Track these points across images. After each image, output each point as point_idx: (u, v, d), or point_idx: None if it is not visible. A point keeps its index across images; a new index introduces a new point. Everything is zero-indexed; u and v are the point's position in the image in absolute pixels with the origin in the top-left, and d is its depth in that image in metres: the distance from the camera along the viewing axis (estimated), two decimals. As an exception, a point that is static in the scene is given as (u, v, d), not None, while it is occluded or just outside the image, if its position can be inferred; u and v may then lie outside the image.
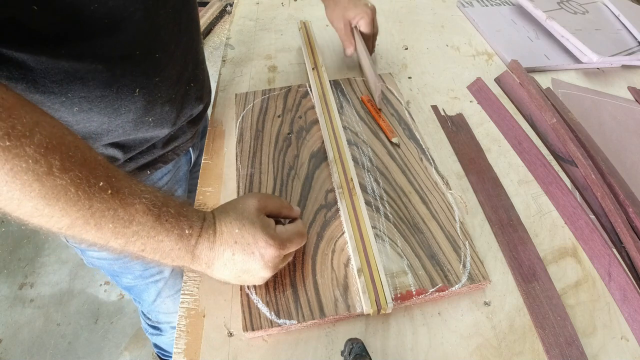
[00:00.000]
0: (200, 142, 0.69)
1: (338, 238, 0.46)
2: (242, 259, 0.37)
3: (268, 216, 0.41)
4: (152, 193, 0.34)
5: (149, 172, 0.57)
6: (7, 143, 0.26)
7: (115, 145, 0.50)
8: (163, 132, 0.53)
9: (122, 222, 0.32)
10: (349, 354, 0.35)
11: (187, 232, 0.35)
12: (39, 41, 0.36)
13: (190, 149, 0.64)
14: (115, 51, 0.42)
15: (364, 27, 0.65)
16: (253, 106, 0.64)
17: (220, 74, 0.74)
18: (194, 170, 0.71)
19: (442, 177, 0.52)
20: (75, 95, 0.42)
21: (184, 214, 0.35)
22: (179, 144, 0.58)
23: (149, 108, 0.49)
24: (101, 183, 0.31)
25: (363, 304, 0.40)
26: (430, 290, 0.41)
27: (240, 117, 0.62)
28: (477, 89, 0.68)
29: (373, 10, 0.66)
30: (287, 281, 0.43)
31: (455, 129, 0.62)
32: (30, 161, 0.27)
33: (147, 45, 0.45)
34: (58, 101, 0.42)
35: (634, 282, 0.43)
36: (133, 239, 0.33)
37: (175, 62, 0.50)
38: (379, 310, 0.40)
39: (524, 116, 0.64)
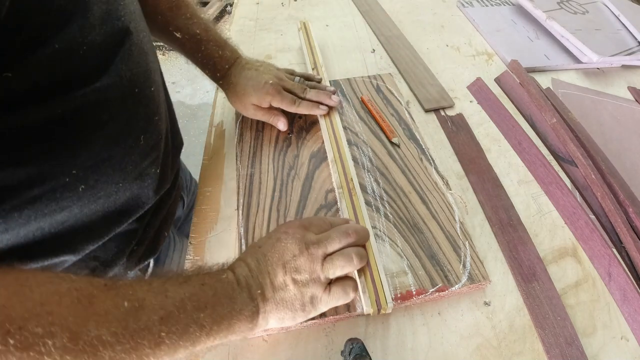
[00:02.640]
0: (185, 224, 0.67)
1: (338, 238, 0.46)
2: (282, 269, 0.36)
3: None
4: (172, 318, 0.30)
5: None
6: None
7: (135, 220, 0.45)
8: (151, 192, 0.46)
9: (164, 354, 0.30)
10: (349, 354, 0.35)
11: (237, 327, 0.34)
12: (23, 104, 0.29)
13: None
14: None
15: (277, 104, 0.56)
16: (253, 106, 0.64)
17: (220, 74, 0.74)
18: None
19: (442, 177, 0.52)
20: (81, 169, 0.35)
21: (229, 315, 0.33)
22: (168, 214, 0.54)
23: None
24: (107, 337, 0.27)
25: (363, 304, 0.40)
26: (430, 290, 0.42)
27: (241, 118, 0.62)
28: (477, 89, 0.68)
29: (275, 86, 0.55)
30: (287, 281, 0.43)
31: (455, 129, 0.62)
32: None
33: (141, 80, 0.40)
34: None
35: (634, 282, 0.43)
36: (186, 352, 0.31)
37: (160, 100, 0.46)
38: (379, 310, 0.40)
39: (524, 116, 0.64)
